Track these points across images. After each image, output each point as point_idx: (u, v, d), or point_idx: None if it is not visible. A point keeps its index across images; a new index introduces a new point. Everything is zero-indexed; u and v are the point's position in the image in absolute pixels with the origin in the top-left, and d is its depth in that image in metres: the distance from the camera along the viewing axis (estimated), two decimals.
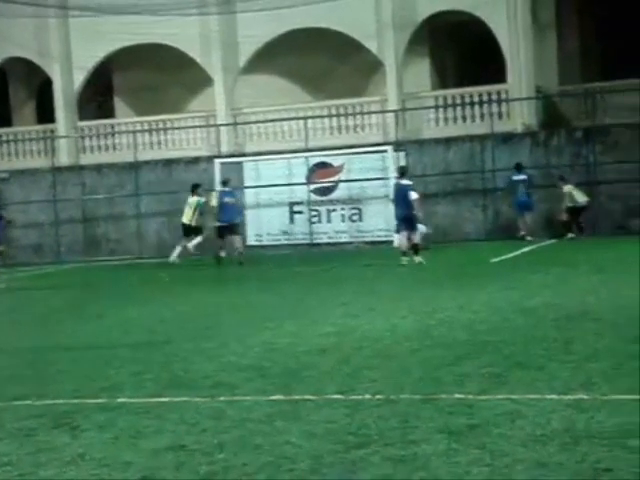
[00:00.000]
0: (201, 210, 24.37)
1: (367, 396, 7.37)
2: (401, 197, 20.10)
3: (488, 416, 6.51)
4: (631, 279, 14.62)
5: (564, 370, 7.95)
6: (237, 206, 24.80)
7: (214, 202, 24.03)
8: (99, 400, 7.77)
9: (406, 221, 20.00)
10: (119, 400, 7.70)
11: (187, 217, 24.44)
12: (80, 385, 8.47)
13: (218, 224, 23.97)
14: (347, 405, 7.10)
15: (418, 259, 19.75)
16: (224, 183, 24.81)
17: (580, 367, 8.03)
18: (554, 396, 7.02)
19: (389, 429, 6.33)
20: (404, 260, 19.74)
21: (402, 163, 26.89)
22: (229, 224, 23.85)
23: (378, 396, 7.33)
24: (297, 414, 6.92)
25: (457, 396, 7.18)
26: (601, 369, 7.90)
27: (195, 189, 24.61)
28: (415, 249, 20.00)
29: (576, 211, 25.31)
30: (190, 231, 24.36)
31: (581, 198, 25.36)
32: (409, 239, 20.07)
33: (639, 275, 14.45)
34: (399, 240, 20.82)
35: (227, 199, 24.06)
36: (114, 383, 8.46)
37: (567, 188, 25.31)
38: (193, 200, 24.40)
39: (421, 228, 21.61)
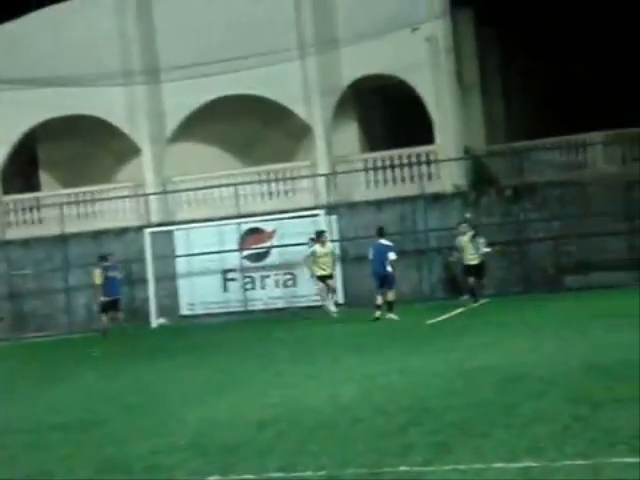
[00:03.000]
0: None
1: (309, 473, 7.06)
2: (380, 256, 21.44)
3: None
4: (567, 337, 14.58)
5: (509, 435, 7.73)
6: (120, 280, 24.55)
7: (98, 279, 23.84)
8: None
9: (385, 279, 21.38)
10: None
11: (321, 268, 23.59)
12: (5, 473, 8.00)
13: (104, 299, 23.79)
14: None
15: (390, 315, 20.98)
16: (104, 258, 24.44)
17: (525, 432, 7.82)
18: (501, 464, 6.78)
19: None
20: (377, 313, 21.06)
21: (335, 226, 26.96)
22: (115, 298, 23.87)
23: (321, 472, 7.03)
24: None
25: (402, 468, 6.91)
26: (547, 433, 7.69)
27: (320, 236, 23.66)
28: (390, 306, 21.28)
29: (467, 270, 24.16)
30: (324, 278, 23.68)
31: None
32: (384, 296, 21.37)
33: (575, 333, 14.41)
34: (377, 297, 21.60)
35: (111, 273, 24.01)
36: (43, 469, 8.01)
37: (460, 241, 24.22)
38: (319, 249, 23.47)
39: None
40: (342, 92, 28.49)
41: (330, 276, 23.78)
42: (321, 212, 26.78)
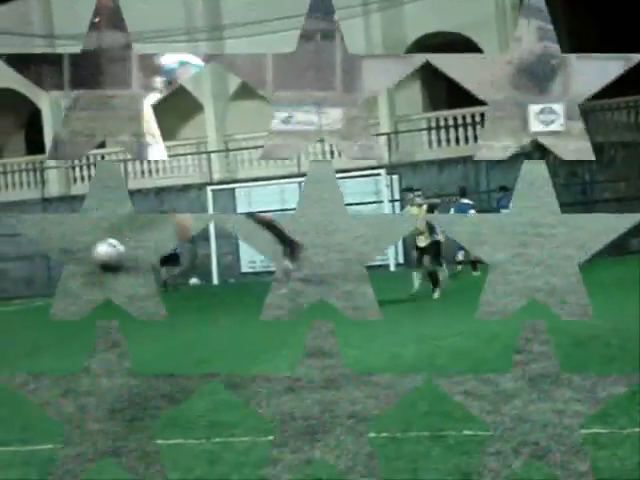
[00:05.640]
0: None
1: (372, 434, 6.95)
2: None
3: None
4: (632, 301, 14.25)
5: None
6: None
7: None
8: None
9: None
10: None
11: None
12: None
13: None
14: None
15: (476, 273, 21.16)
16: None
17: None
18: None
19: (398, 471, 5.95)
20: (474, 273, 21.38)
21: (396, 186, 26.73)
22: (169, 254, 24.16)
23: (383, 434, 6.93)
24: None
25: (466, 432, 6.79)
26: (615, 399, 7.49)
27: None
28: (474, 265, 21.82)
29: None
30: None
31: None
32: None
33: None
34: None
35: None
36: None
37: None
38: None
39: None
40: (405, 50, 28.13)
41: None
42: (382, 172, 26.57)
